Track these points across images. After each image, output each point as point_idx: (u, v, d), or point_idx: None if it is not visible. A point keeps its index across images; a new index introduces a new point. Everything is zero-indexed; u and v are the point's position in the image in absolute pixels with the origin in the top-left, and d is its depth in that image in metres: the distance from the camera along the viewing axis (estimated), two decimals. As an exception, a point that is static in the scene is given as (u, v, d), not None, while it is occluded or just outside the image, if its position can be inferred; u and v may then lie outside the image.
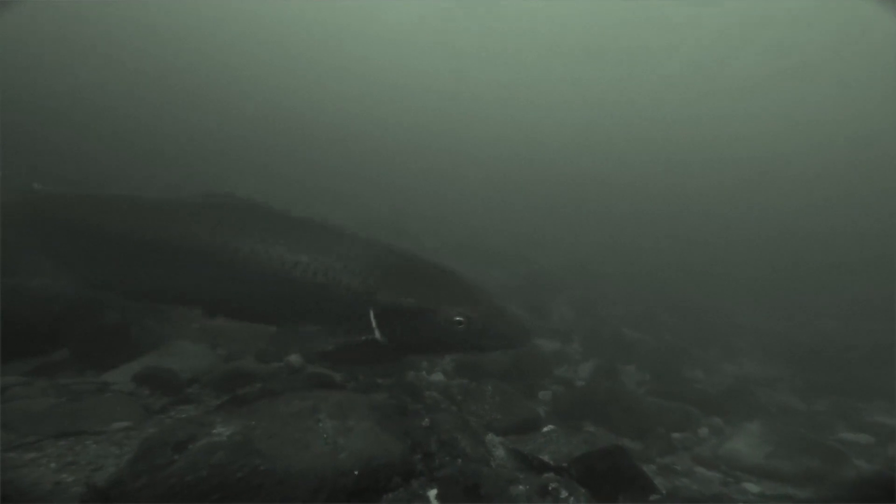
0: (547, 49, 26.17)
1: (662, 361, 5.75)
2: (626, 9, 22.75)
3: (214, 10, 27.17)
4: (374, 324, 2.72)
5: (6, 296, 3.67)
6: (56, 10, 20.96)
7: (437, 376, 4.31)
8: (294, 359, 4.25)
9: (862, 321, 8.52)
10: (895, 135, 22.13)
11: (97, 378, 3.46)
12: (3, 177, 4.60)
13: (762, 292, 9.44)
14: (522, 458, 2.21)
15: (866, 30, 18.77)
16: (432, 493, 1.76)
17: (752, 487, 3.16)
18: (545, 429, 2.91)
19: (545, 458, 2.07)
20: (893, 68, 19.87)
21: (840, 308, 9.27)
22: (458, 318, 2.63)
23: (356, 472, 1.66)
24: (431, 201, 13.64)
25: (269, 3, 27.17)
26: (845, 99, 24.60)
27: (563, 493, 1.80)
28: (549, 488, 1.83)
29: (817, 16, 20.14)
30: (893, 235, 13.49)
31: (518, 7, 24.07)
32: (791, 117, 26.47)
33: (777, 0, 20.16)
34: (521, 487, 1.85)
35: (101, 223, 3.44)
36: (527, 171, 18.91)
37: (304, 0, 26.86)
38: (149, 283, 3.34)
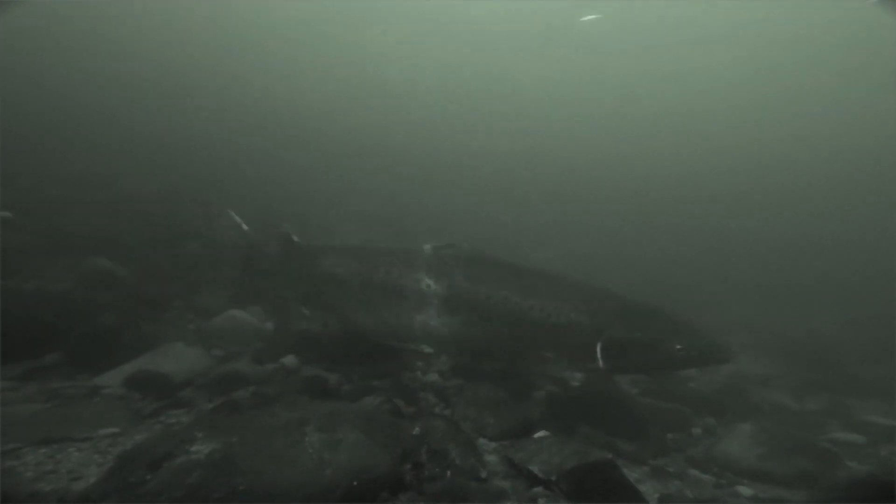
0: (548, 42, 25.97)
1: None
2: (626, 7, 22.54)
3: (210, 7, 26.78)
4: (599, 355, 3.27)
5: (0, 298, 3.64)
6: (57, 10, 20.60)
7: (432, 377, 4.29)
8: (289, 360, 4.23)
9: (856, 318, 8.55)
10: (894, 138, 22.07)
11: (88, 381, 3.42)
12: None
13: (757, 289, 9.46)
14: (513, 467, 2.19)
15: (866, 30, 18.63)
16: (420, 508, 1.75)
17: (745, 490, 3.15)
18: (537, 434, 2.90)
19: (535, 469, 2.05)
20: (894, 69, 19.75)
21: (834, 305, 9.29)
22: (679, 346, 3.26)
23: (342, 489, 1.63)
24: (431, 200, 13.56)
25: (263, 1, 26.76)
26: (845, 100, 24.49)
27: (553, 508, 1.80)
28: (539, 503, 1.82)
29: (817, 16, 20.00)
30: (891, 237, 13.50)
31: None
32: (791, 118, 26.40)
33: (776, 0, 19.98)
34: None
35: (367, 273, 3.98)
36: (527, 169, 18.82)
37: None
38: (408, 325, 3.81)
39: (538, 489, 2.00)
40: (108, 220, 6.82)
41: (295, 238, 4.51)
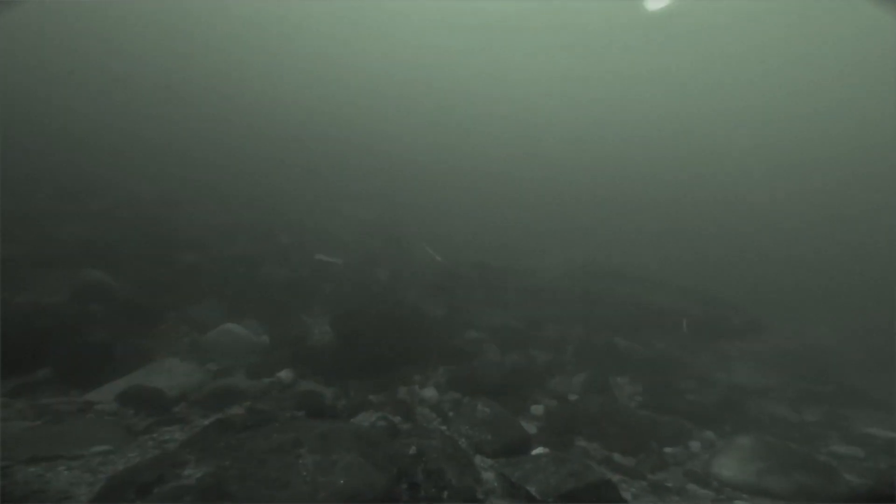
0: (545, 42, 26.18)
1: (654, 371, 5.73)
2: (627, 5, 22.78)
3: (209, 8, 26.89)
4: (685, 328, 5.87)
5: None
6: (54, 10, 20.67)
7: (430, 391, 4.25)
8: (284, 374, 4.20)
9: (854, 329, 8.54)
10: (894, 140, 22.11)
11: (80, 398, 3.38)
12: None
13: (755, 300, 9.45)
14: (510, 486, 2.16)
15: (866, 30, 18.81)
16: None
17: (744, 506, 3.12)
18: (535, 451, 2.87)
19: (533, 489, 2.03)
20: (894, 69, 19.86)
21: (833, 316, 9.29)
22: (736, 322, 5.81)
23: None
24: (427, 206, 13.57)
25: (262, 2, 26.94)
26: (845, 100, 24.62)
27: (550, 530, 1.76)
28: (536, 525, 1.79)
29: (817, 16, 20.19)
30: (891, 245, 13.51)
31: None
32: (789, 120, 26.53)
33: (775, 1, 20.19)
34: (506, 526, 1.80)
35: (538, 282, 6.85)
36: (523, 174, 18.87)
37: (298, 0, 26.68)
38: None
39: (536, 511, 1.97)
40: (103, 229, 6.79)
41: (491, 263, 6.94)
